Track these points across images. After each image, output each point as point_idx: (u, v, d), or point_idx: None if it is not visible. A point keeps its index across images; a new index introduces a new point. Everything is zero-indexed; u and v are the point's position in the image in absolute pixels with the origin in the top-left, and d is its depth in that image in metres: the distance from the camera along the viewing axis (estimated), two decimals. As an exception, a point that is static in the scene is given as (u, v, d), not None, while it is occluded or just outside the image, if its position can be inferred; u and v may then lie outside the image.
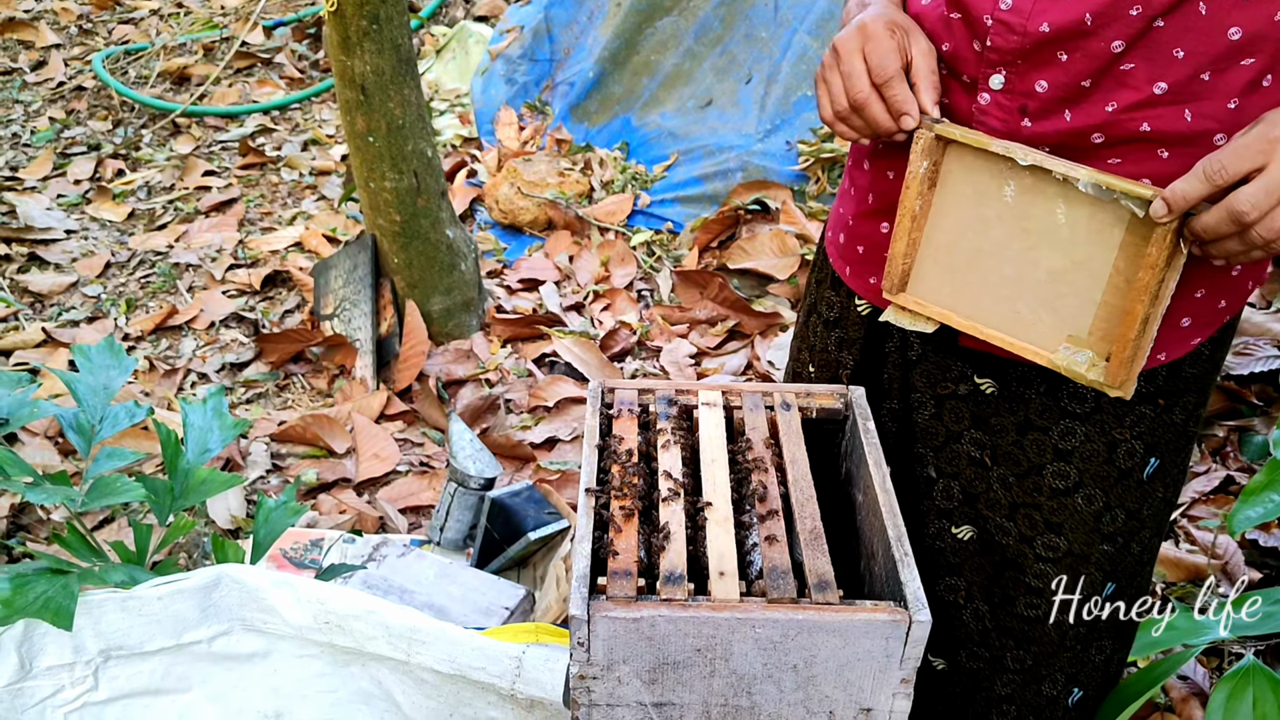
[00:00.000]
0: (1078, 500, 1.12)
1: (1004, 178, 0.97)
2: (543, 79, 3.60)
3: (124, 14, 5.00)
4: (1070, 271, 0.97)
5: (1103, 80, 0.92)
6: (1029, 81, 0.95)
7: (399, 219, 2.44)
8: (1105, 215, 0.93)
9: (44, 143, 3.67)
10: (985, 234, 1.01)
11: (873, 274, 1.15)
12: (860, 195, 1.15)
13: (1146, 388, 1.08)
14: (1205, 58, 0.90)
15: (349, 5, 2.23)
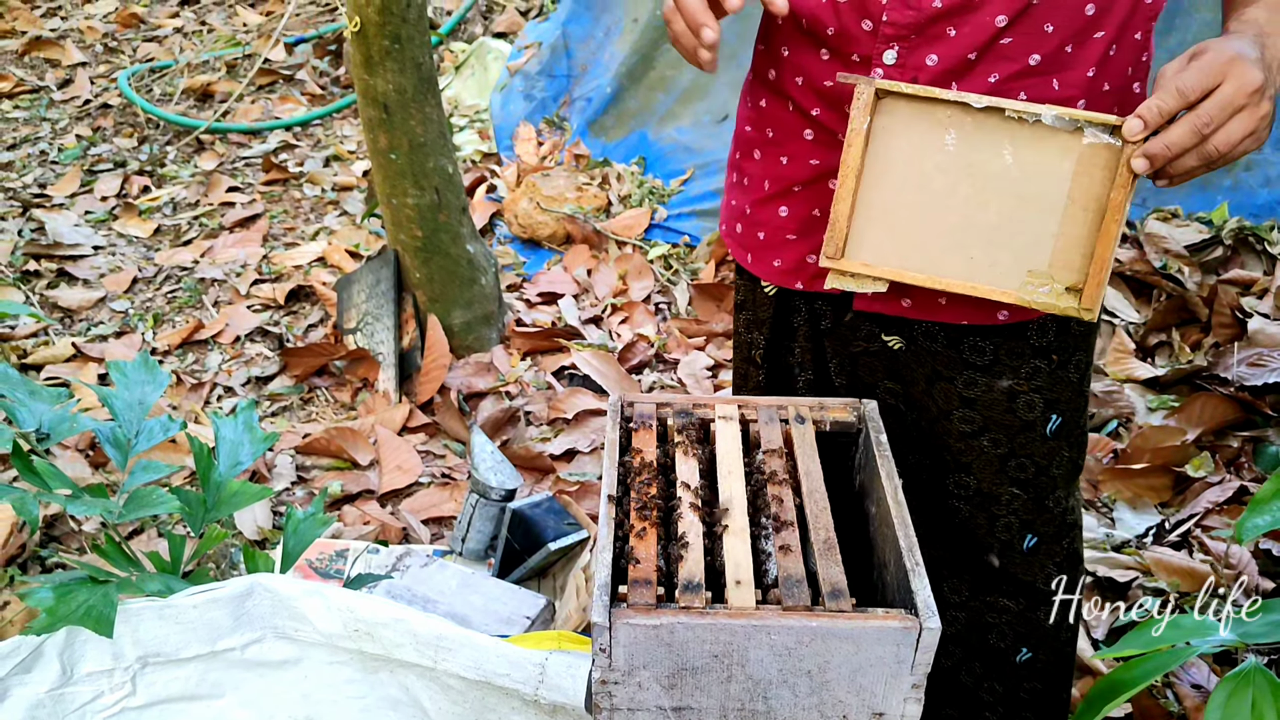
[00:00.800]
0: (983, 443, 1.22)
1: (944, 127, 1.00)
2: (560, 94, 3.64)
3: (148, 32, 5.09)
4: (1021, 209, 1.01)
5: (986, 53, 1.02)
6: (920, 56, 1.03)
7: (421, 234, 2.48)
8: (1053, 150, 0.98)
9: (71, 160, 3.74)
10: (927, 186, 1.03)
11: (776, 257, 1.21)
12: (755, 184, 1.20)
13: (1039, 341, 1.18)
14: (1069, 31, 1.02)
15: (371, 26, 2.28)
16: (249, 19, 5.13)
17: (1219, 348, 2.42)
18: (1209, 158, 0.91)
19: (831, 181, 1.13)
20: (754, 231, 1.22)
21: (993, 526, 1.27)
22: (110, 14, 5.26)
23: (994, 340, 1.18)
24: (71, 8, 5.40)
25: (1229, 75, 0.89)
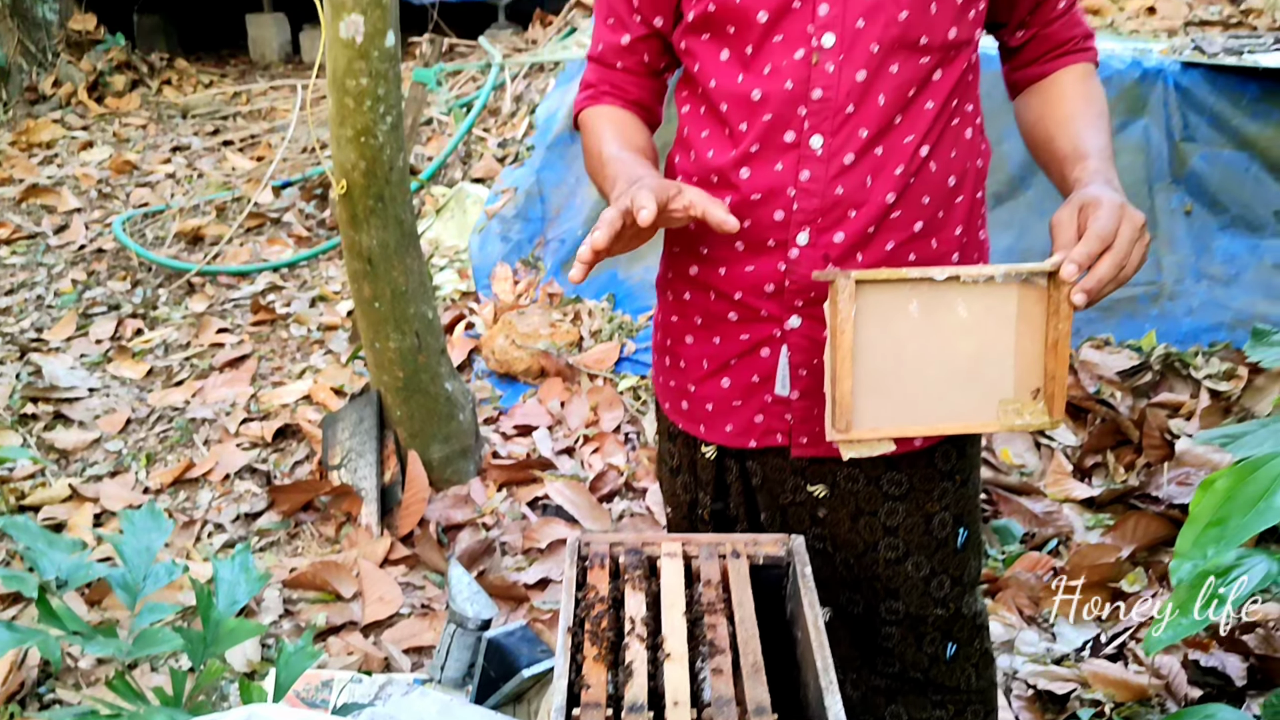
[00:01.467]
0: (907, 567, 1.37)
1: (908, 299, 1.18)
2: (535, 236, 3.87)
3: (141, 178, 5.34)
4: (983, 352, 1.18)
5: (881, 226, 1.22)
6: (829, 236, 1.22)
7: (402, 375, 2.65)
8: (997, 299, 1.16)
9: (68, 305, 3.92)
10: (902, 351, 1.20)
11: (727, 423, 1.35)
12: (693, 365, 1.36)
13: (944, 466, 1.35)
14: (939, 200, 1.24)
15: (357, 187, 2.48)
16: (239, 164, 5.39)
17: (1150, 468, 2.60)
18: (1121, 283, 1.10)
19: (763, 350, 1.30)
20: (702, 405, 1.37)
21: (921, 644, 1.42)
22: (105, 161, 5.53)
23: (908, 471, 1.34)
24: (68, 155, 5.67)
25: (1124, 218, 1.08)
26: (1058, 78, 1.30)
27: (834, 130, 1.19)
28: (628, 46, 1.32)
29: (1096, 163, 1.18)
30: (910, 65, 1.18)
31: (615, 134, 1.29)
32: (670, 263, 1.37)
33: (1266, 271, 2.99)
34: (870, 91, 1.18)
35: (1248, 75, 3.08)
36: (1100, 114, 1.26)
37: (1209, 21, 5.30)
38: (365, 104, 2.41)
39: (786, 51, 1.19)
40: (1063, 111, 1.27)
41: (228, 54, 7.89)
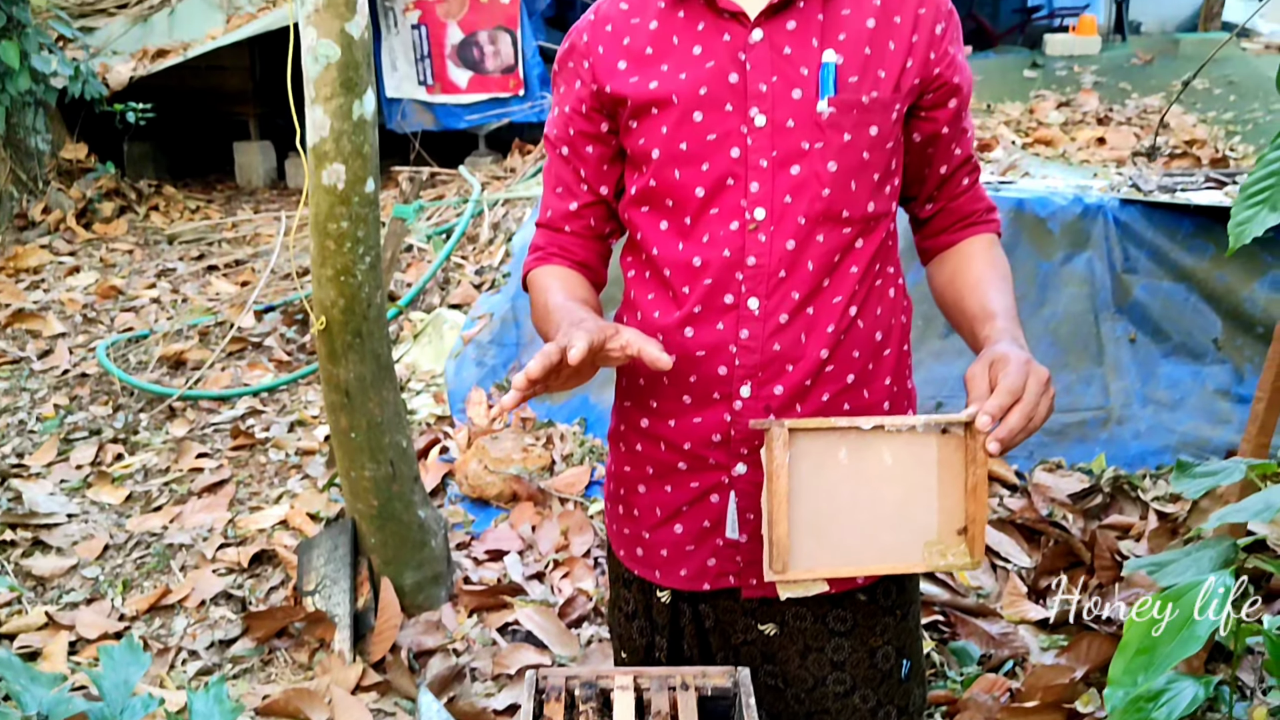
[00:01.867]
0: (855, 700, 1.44)
1: (837, 446, 1.28)
2: (510, 361, 3.99)
3: (126, 303, 5.45)
4: (908, 496, 1.27)
5: (817, 379, 1.34)
6: (769, 389, 1.33)
7: (376, 504, 2.73)
8: (919, 446, 1.26)
9: (50, 431, 3.98)
10: (834, 495, 1.29)
11: (681, 567, 1.44)
12: (646, 513, 1.45)
13: (885, 602, 1.44)
14: (868, 354, 1.36)
15: (336, 323, 2.60)
16: (223, 288, 5.52)
17: (1102, 589, 2.68)
18: (1031, 432, 1.20)
19: (713, 496, 1.40)
20: (657, 551, 1.45)
21: None
22: (91, 286, 5.65)
23: (851, 609, 1.43)
24: (54, 280, 5.79)
25: (1030, 373, 1.18)
26: (964, 246, 1.43)
27: (768, 293, 1.31)
28: (575, 212, 1.44)
29: (1003, 322, 1.30)
30: (834, 235, 1.31)
31: (560, 287, 1.38)
32: (621, 416, 1.47)
33: (1209, 397, 3.13)
34: (800, 258, 1.31)
35: (1182, 211, 3.27)
36: (1004, 278, 1.39)
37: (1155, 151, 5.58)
38: (345, 245, 2.54)
39: (723, 223, 1.32)
40: (971, 276, 1.39)
41: (215, 179, 8.12)
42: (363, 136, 2.52)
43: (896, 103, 1.31)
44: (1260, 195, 1.47)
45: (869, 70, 1.29)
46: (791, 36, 1.29)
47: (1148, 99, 6.73)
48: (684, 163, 1.31)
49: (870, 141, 1.30)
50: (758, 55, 1.29)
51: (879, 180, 1.33)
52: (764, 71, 1.28)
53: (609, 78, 1.35)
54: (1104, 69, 7.47)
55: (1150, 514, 2.85)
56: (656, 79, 1.32)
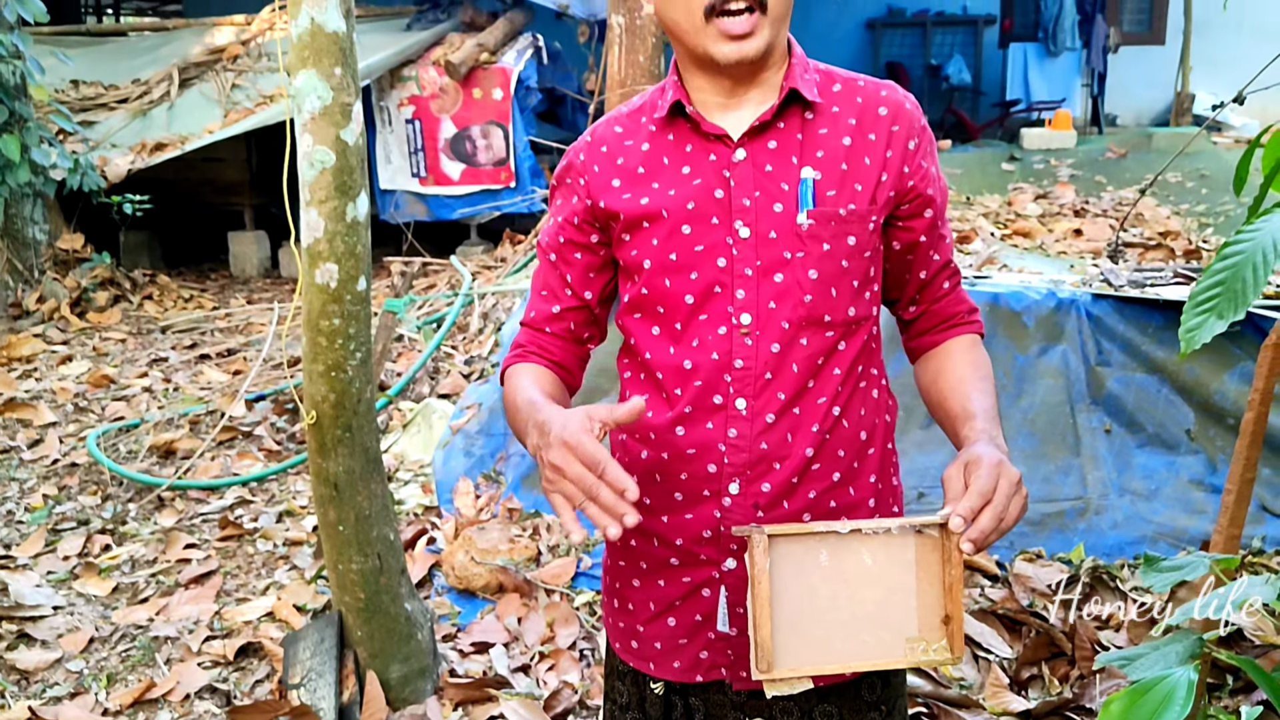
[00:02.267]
0: None
1: (818, 549, 1.33)
2: (497, 451, 4.03)
3: (117, 391, 5.49)
4: (887, 595, 1.32)
5: (803, 477, 1.40)
6: (756, 486, 1.39)
7: (363, 597, 2.75)
8: (896, 547, 1.31)
9: (38, 521, 3.99)
10: (816, 596, 1.34)
11: (675, 660, 1.48)
12: (640, 607, 1.50)
13: (870, 697, 1.47)
14: (853, 453, 1.42)
15: (326, 418, 2.65)
16: (214, 377, 5.57)
17: (1084, 679, 2.70)
18: (1003, 532, 1.25)
19: (704, 590, 1.45)
20: (650, 643, 1.50)
21: None
22: (83, 375, 5.69)
23: (838, 704, 1.47)
24: (47, 369, 5.83)
25: (1001, 475, 1.24)
26: (947, 347, 1.50)
27: (755, 394, 1.39)
28: (557, 315, 1.52)
29: (982, 422, 1.36)
30: (818, 339, 1.39)
31: (532, 383, 1.42)
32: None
33: (1184, 487, 3.18)
34: (785, 361, 1.38)
35: (1152, 305, 3.37)
36: (985, 378, 1.46)
37: (1130, 244, 5.72)
38: (337, 342, 2.61)
39: (711, 328, 1.40)
40: (953, 376, 1.46)
41: (209, 268, 8.22)
42: (355, 237, 2.61)
43: (873, 214, 1.39)
44: (1207, 304, 1.55)
45: (846, 184, 1.37)
46: (772, 155, 1.38)
47: (1122, 191, 6.91)
48: (674, 272, 1.40)
49: (848, 250, 1.38)
50: (741, 173, 1.38)
51: (858, 286, 1.41)
52: (747, 187, 1.37)
53: (603, 194, 1.45)
54: (1080, 162, 7.68)
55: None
56: (648, 195, 1.41)
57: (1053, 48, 9.73)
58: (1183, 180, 6.88)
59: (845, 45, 10.70)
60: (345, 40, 2.52)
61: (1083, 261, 4.95)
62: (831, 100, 1.41)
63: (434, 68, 7.27)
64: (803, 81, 1.39)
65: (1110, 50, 9.66)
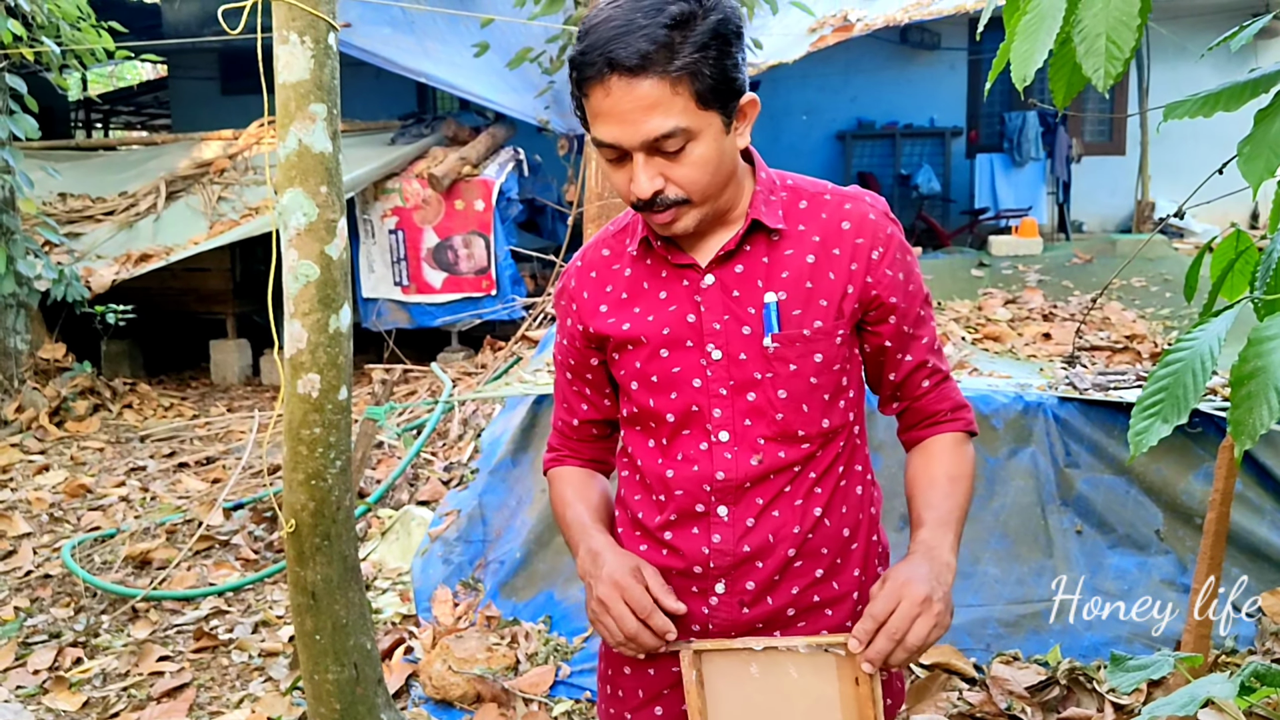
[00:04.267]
0: None
1: (747, 663, 1.39)
2: (476, 558, 4.03)
3: (94, 501, 5.47)
4: (814, 708, 1.37)
5: (785, 574, 1.46)
6: (741, 584, 1.45)
7: (339, 708, 2.72)
8: (820, 663, 1.36)
9: (9, 635, 3.94)
10: (751, 705, 1.40)
11: None
12: (630, 694, 1.56)
13: None
14: (835, 549, 1.49)
15: (305, 526, 2.67)
16: (192, 485, 5.56)
17: (1064, 783, 2.69)
18: (910, 649, 1.30)
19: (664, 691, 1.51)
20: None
21: None
22: (59, 484, 5.67)
23: None
24: (23, 479, 5.81)
25: (904, 596, 1.30)
26: (927, 445, 1.55)
27: (735, 501, 1.45)
28: (580, 425, 1.64)
29: (926, 533, 1.43)
30: (793, 450, 1.45)
31: (576, 495, 1.58)
32: None
33: (1155, 586, 3.22)
34: (763, 471, 1.45)
35: (1116, 408, 3.45)
36: (954, 478, 1.50)
37: (1098, 346, 5.85)
38: (317, 451, 2.64)
39: (693, 443, 1.48)
40: (922, 478, 1.51)
41: (190, 376, 8.25)
42: (338, 348, 2.67)
43: (839, 329, 1.45)
44: (1153, 409, 1.62)
45: (811, 303, 1.43)
46: (739, 279, 1.45)
47: (1089, 295, 7.08)
48: (656, 392, 1.48)
49: (815, 368, 1.44)
50: (711, 297, 1.45)
51: (829, 399, 1.47)
52: (717, 311, 1.44)
53: (592, 319, 1.55)
54: (1047, 268, 7.87)
55: (1107, 706, 2.89)
56: (629, 320, 1.50)
57: (1018, 158, 10.05)
58: (1147, 284, 7.07)
59: (817, 156, 11.01)
60: (331, 160, 2.61)
61: (1052, 365, 5.06)
62: (797, 219, 1.47)
63: (418, 180, 7.45)
64: (766, 207, 1.46)
65: (1073, 160, 9.99)
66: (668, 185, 1.36)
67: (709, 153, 1.34)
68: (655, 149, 1.32)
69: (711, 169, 1.36)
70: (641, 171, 1.34)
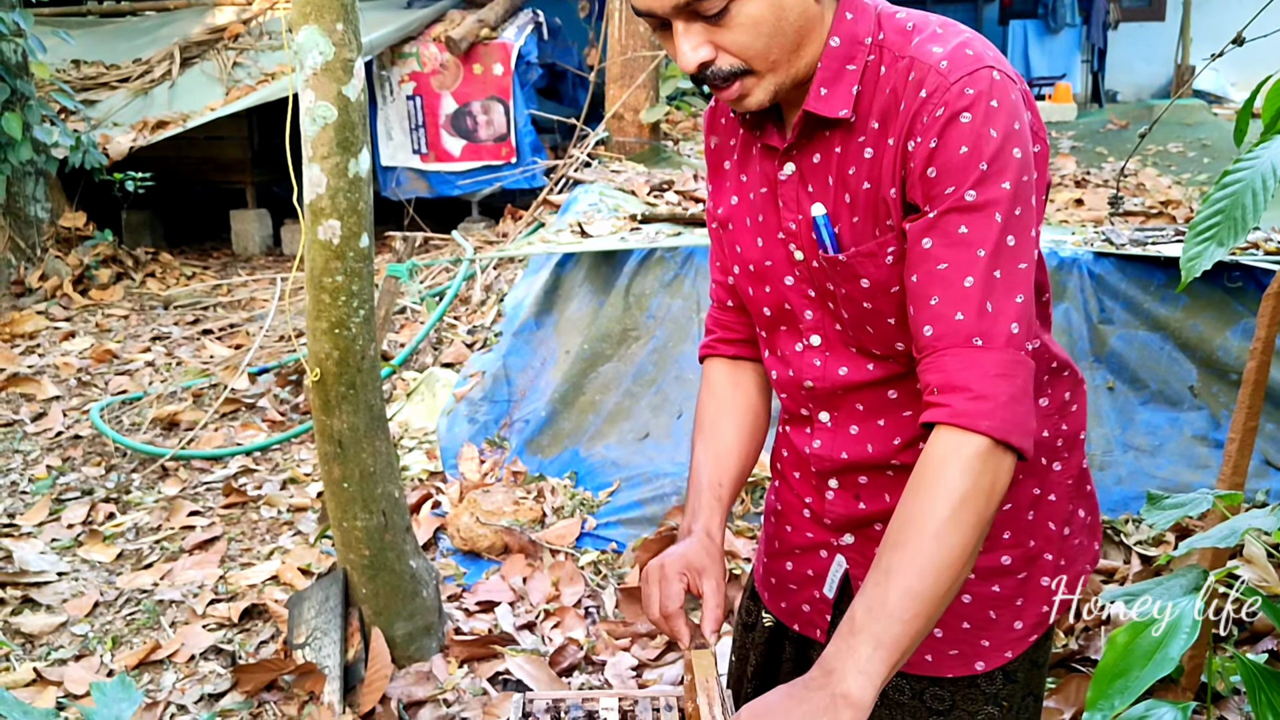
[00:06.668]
0: None
1: None
2: (501, 417, 4.03)
3: (120, 366, 5.50)
4: None
5: (896, 480, 1.29)
6: (854, 478, 1.33)
7: (368, 554, 2.75)
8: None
9: (42, 491, 4.00)
10: None
11: (782, 600, 1.47)
12: (768, 543, 1.50)
13: (989, 689, 1.34)
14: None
15: (330, 375, 2.65)
16: (217, 352, 5.58)
17: (1089, 632, 2.70)
18: None
19: (822, 551, 1.40)
20: (769, 578, 1.50)
21: None
22: (86, 350, 5.70)
23: (951, 689, 1.35)
24: (49, 345, 5.84)
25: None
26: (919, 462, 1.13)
27: (836, 407, 1.32)
28: (733, 286, 1.42)
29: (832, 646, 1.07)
30: (882, 366, 1.27)
31: (708, 428, 1.43)
32: (777, 449, 1.50)
33: (1187, 443, 3.18)
34: (852, 381, 1.28)
35: (1153, 263, 3.36)
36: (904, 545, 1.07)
37: (1132, 212, 5.71)
38: (340, 299, 2.61)
39: (789, 343, 1.34)
40: (885, 539, 1.11)
41: (211, 247, 8.21)
42: (358, 194, 2.60)
43: (890, 243, 1.18)
44: (1208, 232, 1.54)
45: (870, 210, 1.18)
46: (816, 171, 1.21)
47: (1122, 162, 6.89)
48: (753, 281, 1.34)
49: (872, 290, 1.21)
50: (787, 192, 1.25)
51: (895, 324, 1.23)
52: (792, 209, 1.25)
53: (711, 176, 1.39)
54: (1081, 134, 7.65)
55: (1133, 558, 2.89)
56: (734, 194, 1.33)
57: (1052, 24, 9.70)
58: (1184, 149, 6.86)
59: (846, 22, 10.65)
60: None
61: (1084, 230, 4.94)
62: (873, 94, 1.17)
63: (435, 44, 7.25)
64: (829, 89, 1.17)
65: (1110, 26, 9.62)
66: (719, 54, 1.13)
67: (761, 10, 1.10)
68: (693, 13, 1.10)
69: (768, 30, 1.11)
70: (682, 41, 1.12)
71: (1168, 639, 1.45)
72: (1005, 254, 1.10)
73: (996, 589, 1.34)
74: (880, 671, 1.03)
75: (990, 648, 1.34)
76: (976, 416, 1.08)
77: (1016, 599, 1.35)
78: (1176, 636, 1.44)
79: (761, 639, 1.53)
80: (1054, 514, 1.37)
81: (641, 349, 3.84)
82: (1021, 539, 1.34)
